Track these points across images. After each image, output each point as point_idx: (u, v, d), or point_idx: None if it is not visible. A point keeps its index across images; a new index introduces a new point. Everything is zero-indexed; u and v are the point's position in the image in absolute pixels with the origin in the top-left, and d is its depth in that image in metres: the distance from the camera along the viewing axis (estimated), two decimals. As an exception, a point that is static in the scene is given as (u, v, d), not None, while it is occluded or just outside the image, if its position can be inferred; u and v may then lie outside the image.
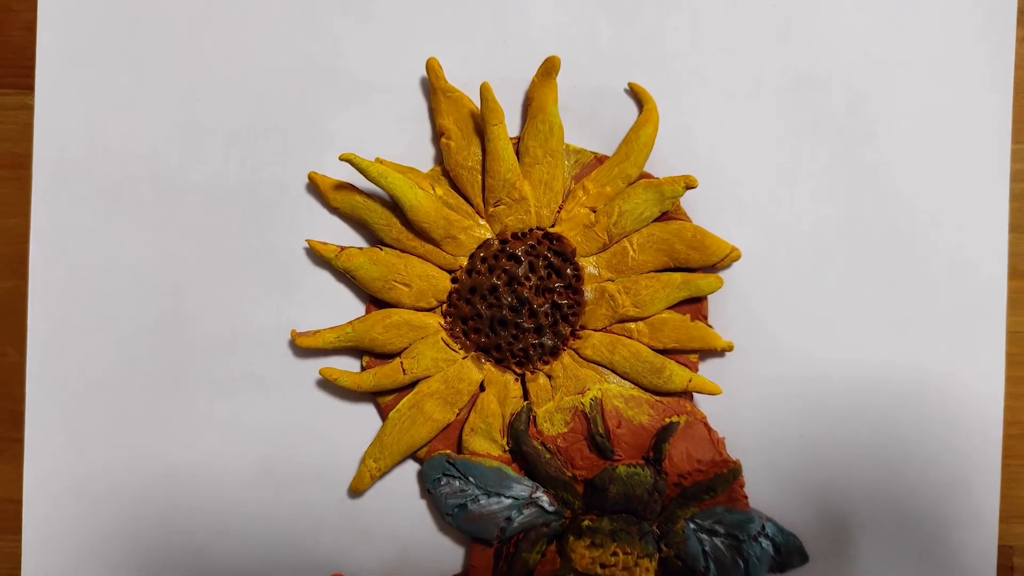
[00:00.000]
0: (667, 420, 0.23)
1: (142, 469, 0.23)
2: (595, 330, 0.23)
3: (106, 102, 0.23)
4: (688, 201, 0.23)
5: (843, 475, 0.23)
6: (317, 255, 0.23)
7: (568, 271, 0.23)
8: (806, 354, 0.23)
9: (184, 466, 0.23)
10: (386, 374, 0.22)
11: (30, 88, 0.24)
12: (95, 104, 0.23)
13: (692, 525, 0.23)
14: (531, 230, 0.23)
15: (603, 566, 0.22)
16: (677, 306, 0.23)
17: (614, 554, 0.22)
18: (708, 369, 0.23)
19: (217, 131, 0.23)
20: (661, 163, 0.23)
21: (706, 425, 0.23)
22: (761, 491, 0.23)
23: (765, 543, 0.23)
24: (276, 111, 0.23)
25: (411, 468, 0.23)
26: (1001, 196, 0.24)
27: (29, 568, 0.23)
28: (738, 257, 0.23)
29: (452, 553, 0.23)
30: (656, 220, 0.22)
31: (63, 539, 0.23)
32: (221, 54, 0.23)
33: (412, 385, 0.23)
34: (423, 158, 0.23)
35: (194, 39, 0.23)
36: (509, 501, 0.23)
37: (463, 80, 0.23)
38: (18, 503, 0.23)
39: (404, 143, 0.23)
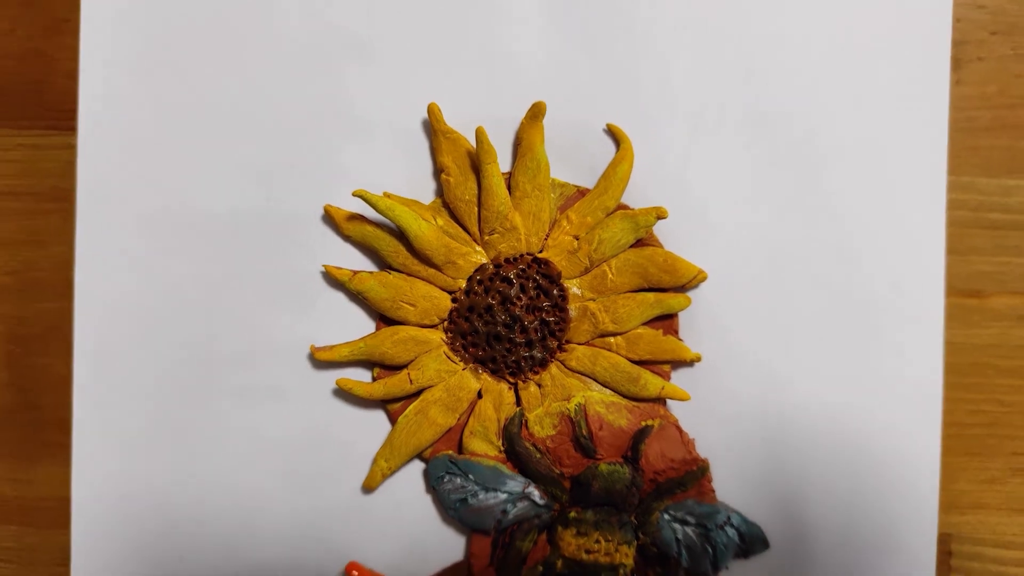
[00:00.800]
0: (643, 423, 0.26)
1: (176, 470, 0.27)
2: (579, 344, 0.26)
3: (141, 141, 0.26)
4: (660, 229, 0.26)
5: (799, 473, 0.26)
6: (332, 278, 0.26)
7: (555, 292, 0.26)
8: (766, 364, 0.26)
9: (214, 468, 0.27)
10: (395, 384, 0.26)
11: (72, 129, 0.27)
12: (131, 143, 0.26)
13: (666, 516, 0.26)
14: (521, 256, 0.26)
15: (588, 552, 0.25)
16: (651, 322, 0.26)
17: (597, 541, 0.25)
18: (679, 378, 0.26)
19: (241, 168, 0.26)
20: (636, 195, 0.26)
21: (678, 428, 0.26)
22: (727, 486, 0.26)
23: (731, 532, 0.26)
24: (294, 150, 0.26)
25: (417, 468, 0.27)
26: (938, 222, 0.27)
27: (78, 558, 0.27)
28: (704, 278, 0.26)
29: (454, 543, 0.26)
30: (632, 246, 0.26)
31: (107, 532, 0.27)
32: (245, 100, 0.26)
33: (418, 394, 0.26)
34: (425, 192, 0.26)
35: (220, 87, 0.26)
36: (504, 496, 0.26)
37: (460, 122, 0.26)
38: (67, 500, 0.27)
39: (408, 178, 0.26)
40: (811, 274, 0.27)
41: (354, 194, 0.25)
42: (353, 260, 0.26)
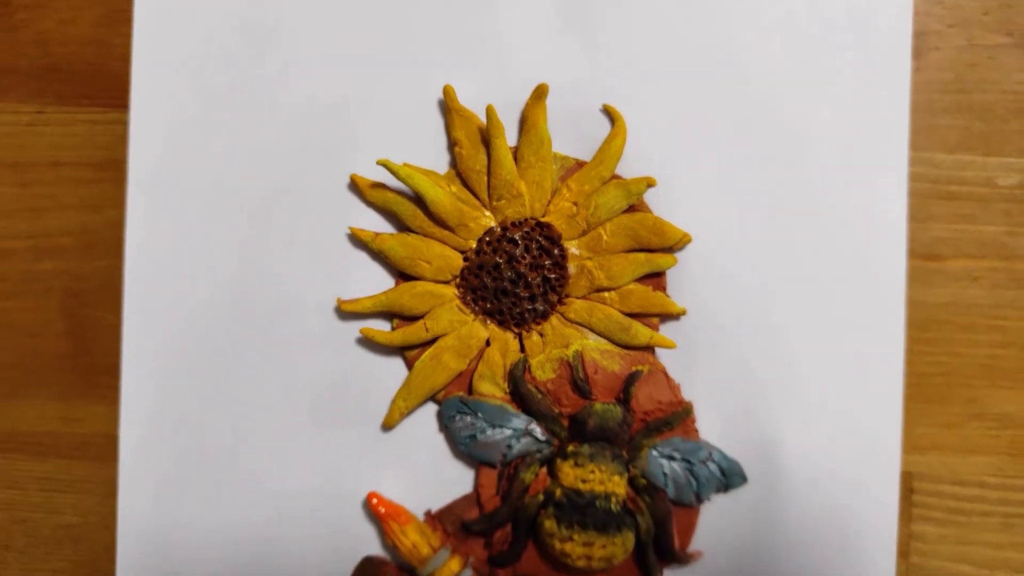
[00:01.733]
0: (634, 368, 0.29)
1: (214, 409, 0.30)
2: (577, 298, 0.29)
3: (185, 118, 0.30)
4: (649, 197, 0.30)
5: (774, 415, 0.30)
6: (357, 240, 0.30)
7: (555, 252, 0.29)
8: (744, 317, 0.30)
9: (249, 407, 0.30)
10: (412, 332, 0.29)
11: (125, 108, 0.30)
12: (177, 120, 0.30)
13: (654, 452, 0.29)
14: (526, 220, 0.29)
15: (584, 481, 0.29)
16: (641, 279, 0.30)
17: (592, 472, 0.29)
18: (666, 330, 0.30)
19: (276, 141, 0.30)
20: (628, 167, 0.30)
21: (665, 373, 0.30)
22: (709, 426, 0.30)
23: (712, 467, 0.30)
24: (325, 127, 0.30)
25: (430, 409, 0.30)
26: (901, 192, 0.30)
27: (124, 488, 0.30)
28: (689, 241, 0.30)
29: (464, 475, 0.30)
30: (624, 212, 0.29)
31: (150, 465, 0.30)
32: (280, 84, 0.30)
33: (432, 341, 0.29)
34: (440, 164, 0.30)
35: (257, 74, 0.30)
36: (509, 432, 0.29)
37: (472, 102, 0.30)
38: (114, 437, 0.30)
39: (425, 152, 0.30)
40: (785, 239, 0.30)
41: (378, 163, 0.29)
42: (375, 223, 0.30)
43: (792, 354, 0.30)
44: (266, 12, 0.31)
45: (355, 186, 0.30)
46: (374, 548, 0.30)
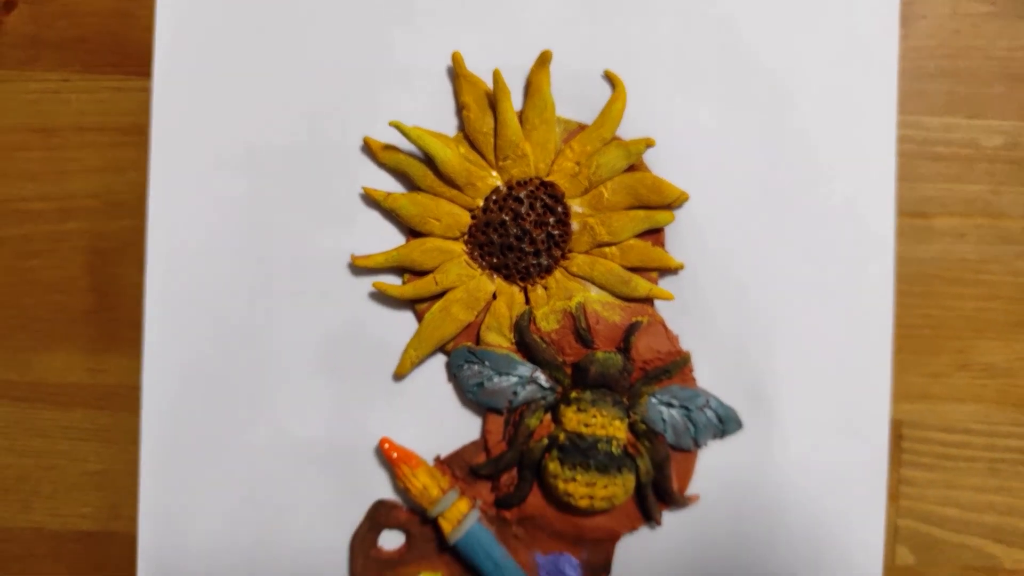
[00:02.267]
0: (634, 319, 0.31)
1: (233, 361, 0.32)
2: (579, 253, 0.31)
3: (206, 84, 0.32)
4: (648, 157, 0.31)
5: (768, 365, 0.31)
6: (370, 199, 0.31)
7: (559, 209, 0.31)
8: (739, 272, 0.32)
9: (266, 360, 0.32)
10: (422, 285, 0.31)
11: (148, 75, 0.32)
12: (197, 86, 0.32)
13: (653, 399, 0.31)
14: (531, 179, 0.31)
15: (586, 425, 0.30)
16: (641, 235, 0.31)
17: (594, 416, 0.30)
18: (664, 283, 0.31)
19: (293, 106, 0.32)
20: (628, 128, 0.31)
21: (663, 325, 0.31)
22: (706, 375, 0.31)
23: (709, 413, 0.31)
24: (340, 93, 0.32)
25: (439, 361, 0.32)
26: (890, 153, 0.32)
27: (146, 437, 0.32)
28: (686, 199, 0.31)
29: (472, 422, 0.32)
30: (625, 171, 0.31)
31: (171, 414, 0.32)
32: (297, 50, 0.32)
33: (441, 294, 0.31)
34: (449, 126, 0.32)
35: (276, 40, 0.32)
36: (515, 379, 0.31)
37: (479, 68, 0.31)
38: (136, 388, 0.32)
39: (435, 115, 0.32)
40: (779, 198, 0.32)
41: (390, 124, 0.30)
42: (387, 183, 0.32)
43: (785, 307, 0.32)
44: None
45: (368, 148, 0.32)
46: (386, 493, 0.32)
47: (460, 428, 0.32)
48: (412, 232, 0.32)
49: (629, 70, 0.32)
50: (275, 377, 0.32)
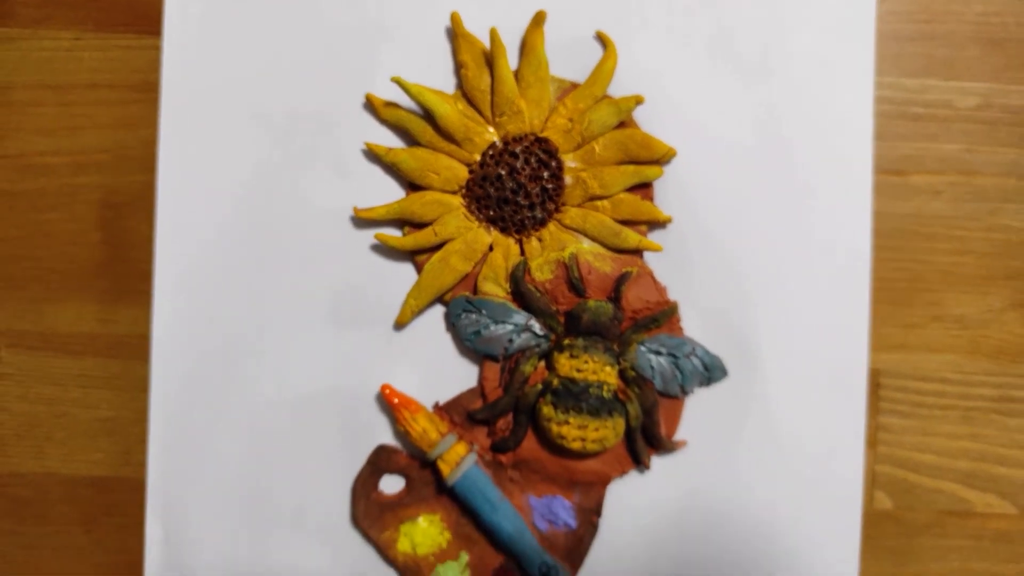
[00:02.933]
0: (624, 270, 0.32)
1: (240, 311, 0.33)
2: (572, 206, 0.33)
3: (214, 44, 0.33)
4: (638, 113, 0.33)
5: (751, 314, 0.33)
6: (372, 154, 0.33)
7: (553, 164, 0.33)
8: (724, 225, 0.33)
9: (271, 310, 0.33)
10: (422, 236, 0.32)
11: (158, 34, 0.33)
12: (205, 46, 0.33)
13: (642, 347, 0.32)
14: (526, 135, 0.33)
15: (578, 371, 0.32)
16: (631, 189, 0.33)
17: (586, 362, 0.32)
18: (653, 235, 0.33)
19: (298, 66, 0.33)
20: (619, 87, 0.33)
21: (652, 276, 0.33)
22: (692, 324, 0.33)
23: (696, 361, 0.33)
24: (343, 52, 0.33)
25: (437, 312, 0.33)
26: (868, 113, 0.33)
27: (155, 384, 0.33)
28: (674, 154, 0.33)
29: (469, 370, 0.33)
30: (615, 127, 0.33)
31: (179, 363, 0.33)
32: (302, 9, 0.33)
33: (440, 245, 0.33)
34: (448, 84, 0.33)
35: (278, 3, 0.33)
36: (511, 327, 0.32)
37: (477, 27, 0.33)
38: (146, 337, 0.33)
39: (435, 73, 0.33)
40: (762, 155, 0.34)
41: (392, 79, 0.32)
42: (388, 139, 0.33)
43: (768, 259, 0.34)
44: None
45: (370, 105, 0.33)
46: (387, 439, 0.34)
47: (458, 376, 0.34)
48: (412, 186, 0.33)
49: (620, 31, 0.33)
50: (280, 326, 0.34)
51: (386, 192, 0.33)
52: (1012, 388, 0.34)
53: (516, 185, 0.33)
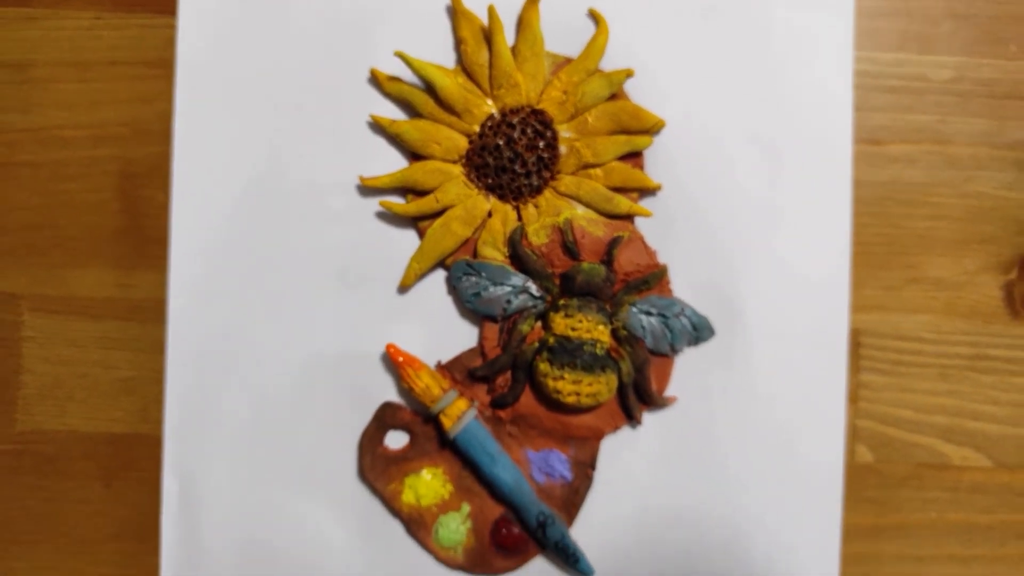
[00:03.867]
0: (616, 234, 0.34)
1: (251, 274, 0.35)
2: (567, 174, 0.35)
3: (227, 22, 0.35)
4: (629, 86, 0.35)
5: (738, 277, 0.35)
6: (377, 125, 0.35)
7: (548, 134, 0.35)
8: (711, 192, 0.35)
9: (282, 274, 0.35)
10: (425, 203, 0.34)
11: (173, 14, 0.35)
12: (219, 24, 0.35)
13: (633, 308, 0.35)
14: (523, 107, 0.35)
15: (573, 329, 0.34)
16: (622, 158, 0.35)
17: (580, 321, 0.34)
18: (644, 202, 0.35)
19: (306, 42, 0.35)
20: (610, 61, 0.35)
21: (643, 240, 0.35)
22: (681, 286, 0.35)
23: (685, 321, 0.35)
24: (349, 29, 0.35)
25: (439, 276, 0.35)
26: (847, 85, 0.35)
27: (172, 345, 0.35)
28: (663, 125, 0.35)
29: (470, 330, 0.35)
30: (607, 99, 0.35)
31: (195, 325, 0.35)
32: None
33: (442, 212, 0.35)
34: (448, 59, 0.35)
35: None
36: (509, 289, 0.34)
37: (476, 5, 0.35)
38: (163, 301, 0.35)
39: (436, 48, 0.35)
40: (748, 126, 0.36)
41: (395, 53, 0.34)
42: (392, 111, 0.35)
43: (753, 225, 0.36)
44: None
45: (375, 79, 0.35)
46: (391, 396, 0.36)
47: (459, 336, 0.36)
48: (414, 156, 0.36)
49: (611, 8, 0.35)
50: (290, 289, 0.36)
51: (390, 162, 0.35)
52: (986, 347, 0.36)
53: (513, 154, 0.35)
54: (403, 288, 0.36)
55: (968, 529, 0.37)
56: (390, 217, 0.35)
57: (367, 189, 0.35)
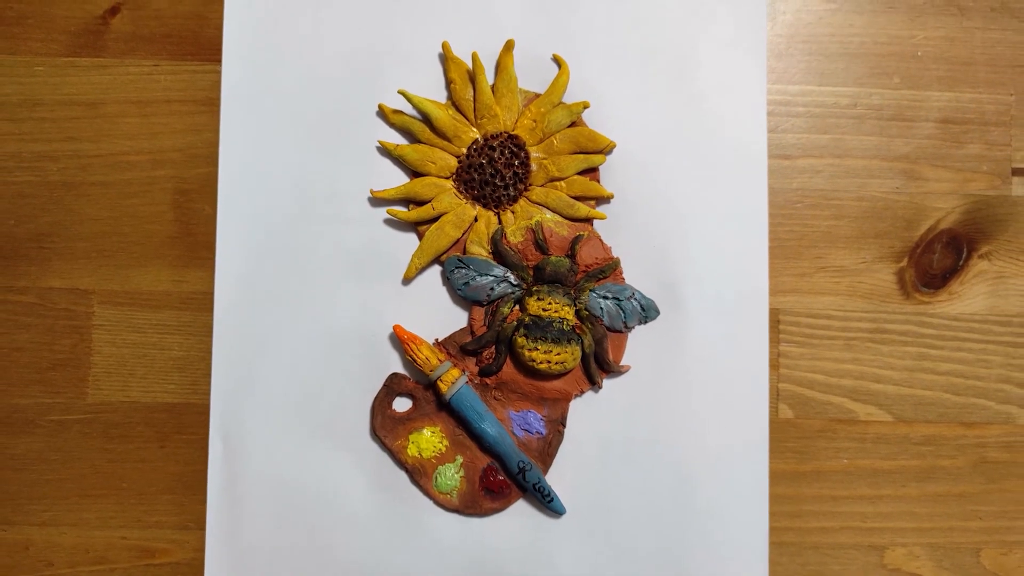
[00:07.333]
0: (577, 234, 0.43)
1: (283, 272, 0.45)
2: (537, 186, 0.44)
3: (263, 67, 0.45)
4: (586, 115, 0.45)
5: (677, 267, 0.44)
6: (384, 148, 0.44)
7: (522, 154, 0.44)
8: (653, 199, 0.45)
9: (307, 269, 0.45)
10: (423, 211, 0.44)
11: (218, 61, 0.45)
12: (256, 70, 0.45)
13: (593, 293, 0.44)
14: (501, 133, 0.44)
15: (544, 310, 0.43)
16: (582, 173, 0.45)
17: (549, 303, 0.43)
18: (599, 207, 0.44)
19: (327, 83, 0.45)
20: (571, 95, 0.45)
21: (599, 238, 0.44)
22: (632, 275, 0.45)
23: (635, 303, 0.44)
24: (361, 72, 0.45)
25: (435, 269, 0.44)
26: (761, 113, 0.45)
27: (218, 330, 0.44)
28: (614, 146, 0.45)
29: (461, 314, 0.45)
30: (569, 126, 0.44)
31: (237, 313, 0.44)
32: (330, 42, 0.45)
33: (437, 218, 0.44)
34: (440, 95, 0.45)
35: (315, 35, 0.44)
36: (492, 278, 0.43)
37: (463, 52, 0.44)
38: (211, 294, 0.45)
39: (431, 87, 0.45)
40: (683, 146, 0.46)
41: (398, 92, 0.44)
42: (395, 138, 0.44)
43: (689, 225, 0.45)
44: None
45: (382, 112, 0.45)
46: (398, 367, 0.45)
47: (452, 318, 0.45)
48: (414, 173, 0.45)
49: (571, 53, 0.45)
50: (314, 282, 0.45)
51: (395, 178, 0.45)
52: (883, 322, 0.46)
53: (494, 171, 0.44)
54: (406, 280, 0.45)
55: (874, 473, 0.46)
56: (395, 222, 0.45)
57: (377, 200, 0.45)
